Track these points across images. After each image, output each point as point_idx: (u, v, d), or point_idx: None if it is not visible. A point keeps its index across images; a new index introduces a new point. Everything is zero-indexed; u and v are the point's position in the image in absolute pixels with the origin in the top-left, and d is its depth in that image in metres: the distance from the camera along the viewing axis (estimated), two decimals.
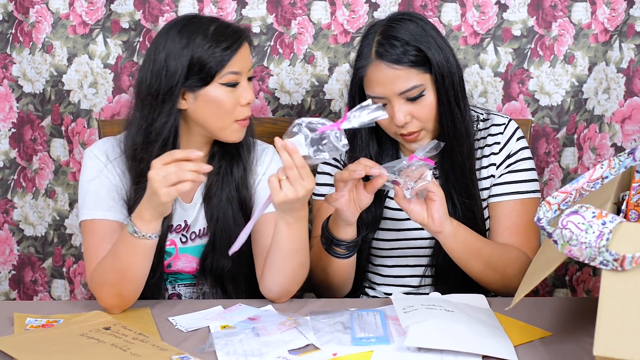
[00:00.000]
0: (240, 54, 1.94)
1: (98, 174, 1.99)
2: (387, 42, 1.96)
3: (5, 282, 2.65)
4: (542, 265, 1.73)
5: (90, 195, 1.98)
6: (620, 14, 2.46)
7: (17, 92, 2.55)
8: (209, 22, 1.96)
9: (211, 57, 1.91)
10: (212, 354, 1.67)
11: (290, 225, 1.84)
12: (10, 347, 1.67)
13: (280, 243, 1.87)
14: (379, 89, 1.96)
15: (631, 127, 2.53)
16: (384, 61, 1.95)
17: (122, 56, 2.50)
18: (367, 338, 1.72)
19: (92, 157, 2.01)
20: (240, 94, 1.93)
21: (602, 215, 1.54)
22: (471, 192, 2.05)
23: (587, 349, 1.64)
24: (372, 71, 1.97)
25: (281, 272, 1.90)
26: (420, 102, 1.97)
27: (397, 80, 1.95)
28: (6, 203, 2.61)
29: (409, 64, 1.94)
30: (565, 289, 2.62)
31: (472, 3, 2.47)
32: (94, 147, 2.04)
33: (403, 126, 1.97)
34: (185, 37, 1.92)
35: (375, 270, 2.18)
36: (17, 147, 2.58)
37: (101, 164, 1.99)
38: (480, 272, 1.99)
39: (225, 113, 1.93)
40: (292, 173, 1.73)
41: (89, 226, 1.97)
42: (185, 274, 2.05)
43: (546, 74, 2.49)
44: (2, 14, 2.50)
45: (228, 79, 1.92)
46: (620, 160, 1.74)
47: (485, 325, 1.77)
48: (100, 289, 1.88)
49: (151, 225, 1.81)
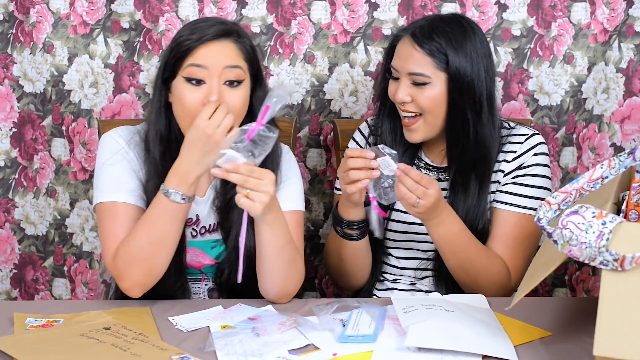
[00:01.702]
0: (212, 48, 1.88)
1: (119, 158, 1.96)
2: (425, 27, 2.04)
3: (6, 281, 2.65)
4: (542, 265, 1.72)
5: (111, 178, 1.95)
6: (620, 14, 2.45)
7: (17, 91, 2.54)
8: (207, 18, 1.95)
9: (179, 45, 1.88)
10: (212, 354, 1.67)
11: (271, 223, 1.84)
12: (10, 347, 1.67)
13: (265, 244, 1.86)
14: (397, 62, 2.05)
15: (630, 127, 2.52)
16: (412, 39, 2.03)
17: (122, 56, 2.50)
18: (355, 336, 1.73)
19: (111, 141, 1.98)
20: (205, 93, 1.86)
21: (602, 215, 1.54)
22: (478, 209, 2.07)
23: (587, 349, 1.64)
24: (401, 44, 2.06)
25: (273, 274, 1.89)
26: (422, 90, 2.01)
27: (411, 59, 2.02)
28: (7, 202, 2.60)
29: (428, 53, 2.01)
30: (564, 288, 2.62)
31: (471, 3, 2.46)
32: (113, 132, 2.01)
33: (402, 104, 2.03)
34: (179, 32, 1.92)
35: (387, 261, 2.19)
36: (18, 146, 2.57)
37: (119, 147, 1.97)
38: (452, 268, 2.05)
39: (187, 112, 1.87)
40: (250, 183, 1.75)
41: (110, 208, 1.93)
42: (192, 268, 2.04)
43: (545, 73, 2.49)
44: (2, 14, 2.50)
45: (189, 72, 1.87)
46: (620, 160, 1.74)
47: (485, 325, 1.76)
48: (130, 267, 1.85)
49: (192, 188, 1.83)
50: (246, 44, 1.92)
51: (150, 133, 1.95)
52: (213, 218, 2.02)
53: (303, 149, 2.54)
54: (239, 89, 1.88)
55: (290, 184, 2.03)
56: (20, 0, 2.48)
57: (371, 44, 2.48)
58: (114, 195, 1.93)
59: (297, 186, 2.04)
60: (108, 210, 1.94)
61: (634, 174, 1.76)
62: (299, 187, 2.05)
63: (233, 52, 1.90)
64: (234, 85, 1.88)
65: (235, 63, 1.88)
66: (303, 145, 2.54)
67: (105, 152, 1.98)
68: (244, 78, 1.89)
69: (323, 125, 2.53)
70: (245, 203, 1.76)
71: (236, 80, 1.88)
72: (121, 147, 1.97)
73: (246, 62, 1.91)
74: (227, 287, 2.02)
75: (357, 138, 2.21)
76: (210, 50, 1.88)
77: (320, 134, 2.54)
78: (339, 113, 2.53)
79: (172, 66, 1.90)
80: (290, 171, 2.04)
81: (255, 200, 1.76)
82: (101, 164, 1.98)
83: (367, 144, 2.19)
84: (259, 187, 1.75)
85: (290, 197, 2.01)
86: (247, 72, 1.91)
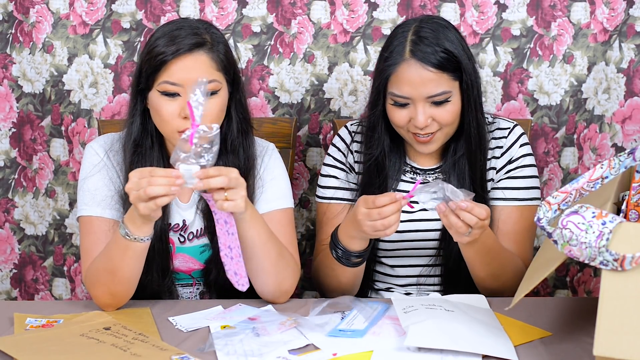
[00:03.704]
0: (185, 64, 1.87)
1: (97, 169, 1.97)
2: (422, 43, 1.93)
3: (6, 281, 2.65)
4: (542, 265, 1.72)
5: (89, 191, 1.97)
6: (620, 13, 2.45)
7: (17, 92, 2.54)
8: (180, 23, 1.93)
9: (153, 57, 1.87)
10: (212, 354, 1.67)
11: (250, 220, 1.83)
12: (10, 347, 1.66)
13: (250, 242, 1.85)
14: (407, 89, 1.93)
15: (632, 127, 2.52)
16: (418, 61, 1.92)
17: (122, 56, 2.50)
18: (345, 330, 1.74)
19: (91, 152, 2.00)
20: (181, 106, 1.86)
21: (602, 215, 1.54)
22: (483, 196, 2.05)
23: (587, 349, 1.63)
24: (405, 69, 1.93)
25: (264, 271, 1.89)
26: (444, 107, 1.94)
27: (429, 82, 1.92)
28: (7, 202, 2.60)
29: (442, 68, 1.92)
30: (566, 290, 2.61)
31: (471, 3, 2.46)
32: (93, 143, 2.02)
33: (422, 128, 1.95)
34: (152, 36, 1.91)
35: (380, 270, 2.17)
36: (18, 146, 2.57)
37: (99, 159, 1.98)
38: (482, 278, 2.00)
39: (163, 122, 1.88)
40: (220, 181, 1.71)
41: (86, 222, 1.96)
42: (182, 273, 2.04)
43: (545, 73, 2.48)
44: (2, 14, 2.49)
45: (163, 88, 1.87)
46: (620, 160, 1.74)
47: (485, 325, 1.76)
48: (93, 288, 1.87)
49: (142, 229, 1.78)
50: (220, 52, 1.91)
51: (125, 140, 1.97)
52: (200, 223, 2.02)
53: (303, 148, 2.54)
54: (214, 98, 1.88)
55: (276, 182, 2.02)
56: (19, 0, 2.47)
57: (371, 43, 2.48)
58: (89, 210, 1.96)
59: (282, 183, 2.04)
60: (84, 224, 1.97)
61: (634, 174, 1.76)
62: (284, 184, 2.04)
63: (206, 65, 1.89)
64: (209, 95, 1.86)
65: (209, 78, 1.87)
66: (302, 144, 2.54)
67: (85, 164, 2.00)
68: (219, 88, 1.90)
69: (323, 125, 2.53)
70: (229, 205, 1.73)
71: (212, 91, 1.87)
72: (100, 159, 1.97)
73: (221, 72, 1.91)
74: (217, 288, 2.02)
75: (338, 145, 2.14)
76: (184, 66, 1.87)
77: (319, 133, 2.54)
78: (339, 112, 2.52)
79: (147, 79, 1.90)
80: (275, 169, 2.04)
81: (235, 198, 1.74)
82: (80, 177, 2.00)
83: (349, 150, 2.12)
84: (231, 184, 1.73)
85: (277, 195, 2.01)
86: (222, 81, 1.91)
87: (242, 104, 1.99)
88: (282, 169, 2.06)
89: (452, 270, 2.07)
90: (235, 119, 1.97)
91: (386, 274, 2.16)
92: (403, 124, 1.97)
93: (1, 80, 2.53)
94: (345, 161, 2.12)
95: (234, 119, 1.97)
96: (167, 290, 2.01)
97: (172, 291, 2.02)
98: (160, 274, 1.97)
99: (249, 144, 2.00)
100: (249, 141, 2.00)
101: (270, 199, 1.99)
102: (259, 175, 2.01)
